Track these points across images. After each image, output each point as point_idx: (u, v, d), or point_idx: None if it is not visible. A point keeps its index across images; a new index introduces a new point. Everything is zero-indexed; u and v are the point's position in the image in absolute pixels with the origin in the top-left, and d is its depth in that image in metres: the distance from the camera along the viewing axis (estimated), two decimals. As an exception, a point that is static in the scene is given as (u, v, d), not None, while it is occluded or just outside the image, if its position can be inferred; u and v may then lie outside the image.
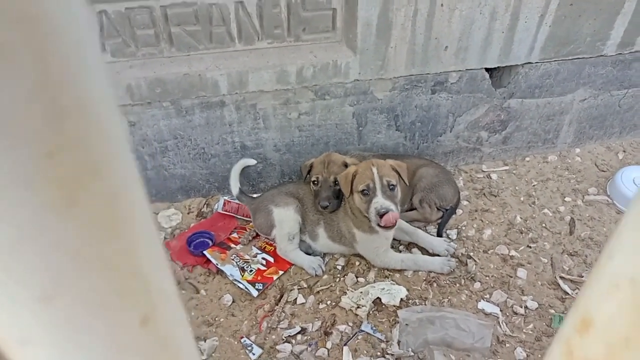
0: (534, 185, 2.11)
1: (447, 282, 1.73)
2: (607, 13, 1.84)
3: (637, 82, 2.06)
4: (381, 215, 1.54)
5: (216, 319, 1.55)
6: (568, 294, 1.70)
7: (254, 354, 1.44)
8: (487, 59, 1.88)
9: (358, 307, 1.59)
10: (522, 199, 2.05)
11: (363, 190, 1.60)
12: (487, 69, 1.93)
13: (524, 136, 2.16)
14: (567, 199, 2.05)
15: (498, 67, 1.93)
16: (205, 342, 1.47)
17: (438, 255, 1.78)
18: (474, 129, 2.08)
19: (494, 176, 2.15)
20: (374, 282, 1.71)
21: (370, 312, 1.61)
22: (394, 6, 1.67)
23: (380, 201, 1.57)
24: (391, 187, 1.61)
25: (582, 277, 1.74)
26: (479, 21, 1.77)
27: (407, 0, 1.67)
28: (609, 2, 1.81)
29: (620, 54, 1.96)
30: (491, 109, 2.03)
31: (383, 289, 1.65)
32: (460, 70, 1.89)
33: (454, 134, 2.08)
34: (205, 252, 1.69)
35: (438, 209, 1.94)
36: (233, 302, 1.61)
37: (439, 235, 1.88)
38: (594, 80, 2.03)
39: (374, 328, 1.56)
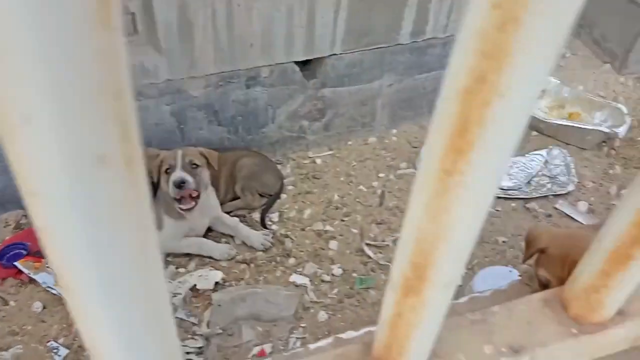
0: (353, 166, 2.32)
1: (264, 261, 1.89)
2: (396, 6, 2.07)
3: (434, 66, 2.33)
4: (178, 187, 1.66)
5: (23, 327, 1.59)
6: (371, 257, 1.92)
7: (59, 356, 1.50)
8: (294, 53, 2.03)
9: (174, 296, 1.70)
10: (342, 179, 2.26)
11: (167, 169, 1.71)
12: (297, 62, 2.09)
13: (343, 122, 2.36)
14: (380, 174, 2.29)
15: (308, 59, 2.10)
16: (7, 351, 1.51)
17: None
18: (295, 119, 2.25)
19: (318, 161, 2.34)
20: (195, 271, 1.82)
21: (187, 299, 1.72)
22: (192, 8, 1.77)
23: (178, 173, 1.68)
24: (193, 166, 1.73)
25: (385, 241, 1.98)
26: (278, 19, 1.91)
27: (204, 2, 1.77)
28: (394, -3, 2.03)
29: (415, 41, 2.21)
30: (307, 99, 2.20)
31: (200, 275, 1.77)
32: (270, 65, 2.03)
33: (277, 125, 2.23)
34: (16, 263, 1.70)
35: (261, 195, 2.09)
36: (44, 308, 1.64)
37: (262, 219, 2.04)
38: (395, 67, 2.27)
39: (189, 313, 1.68)
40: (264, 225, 2.03)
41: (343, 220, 2.07)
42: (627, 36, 2.77)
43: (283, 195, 2.16)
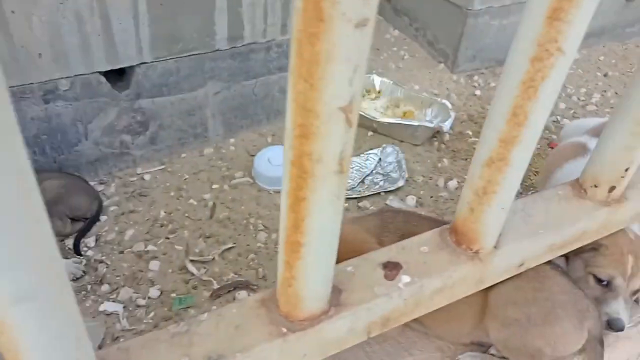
0: (185, 179, 2.20)
1: (74, 290, 1.69)
2: (203, 10, 2.00)
3: (261, 72, 2.29)
4: None
5: None
6: (194, 274, 1.80)
7: None
8: (94, 62, 1.88)
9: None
10: (172, 194, 2.13)
11: None
12: (104, 73, 1.94)
13: (171, 134, 2.24)
14: (214, 186, 2.19)
15: (116, 69, 1.96)
16: None
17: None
18: (113, 134, 2.08)
19: (147, 177, 2.19)
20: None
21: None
22: (-45, 15, 1.56)
23: None
24: None
25: (210, 255, 1.87)
26: (66, 26, 1.75)
27: (-30, 8, 1.58)
28: (200, 0, 1.96)
29: (234, 47, 2.16)
30: (123, 111, 2.05)
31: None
32: (69, 77, 1.86)
33: (92, 142, 2.05)
34: None
35: (75, 219, 1.90)
36: None
37: (76, 245, 1.84)
38: (218, 74, 2.19)
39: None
40: (77, 252, 1.83)
41: (168, 238, 1.93)
42: (454, 37, 2.94)
43: (103, 217, 1.98)
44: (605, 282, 1.23)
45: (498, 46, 3.02)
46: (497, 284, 1.10)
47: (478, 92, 2.92)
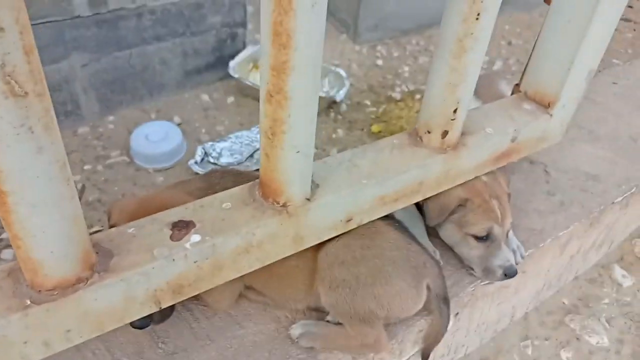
0: (52, 160, 2.01)
1: None
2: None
3: (134, 42, 2.12)
4: None
5: None
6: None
7: None
8: None
9: None
10: (35, 176, 1.93)
11: None
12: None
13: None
14: (86, 167, 2.01)
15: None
16: None
17: None
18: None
19: (7, 159, 1.98)
20: None
21: None
22: None
23: None
24: None
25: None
26: None
27: None
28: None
29: (98, 13, 1.97)
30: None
31: None
32: None
33: None
34: None
35: None
36: None
37: None
38: (84, 44, 2.00)
39: None
40: None
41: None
42: (353, 4, 2.86)
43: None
44: (484, 237, 1.18)
45: (400, 15, 2.97)
46: (326, 243, 1.02)
47: (380, 62, 2.86)
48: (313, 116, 0.79)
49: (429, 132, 1.06)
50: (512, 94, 1.34)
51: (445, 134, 1.04)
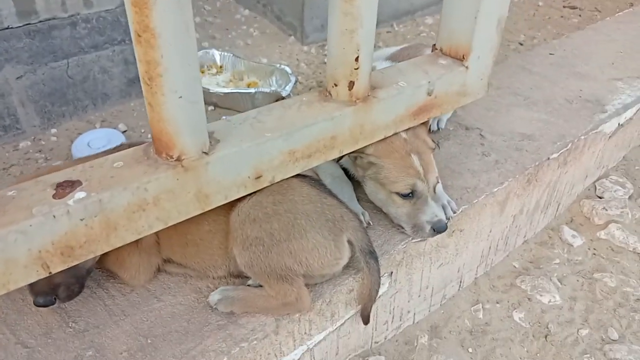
0: (-9, 176, 1.96)
1: None
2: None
3: (70, 51, 2.10)
4: None
5: None
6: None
7: None
8: None
9: None
10: (-27, 192, 1.88)
11: None
12: None
13: (-30, 127, 1.99)
14: (26, 179, 1.97)
15: None
16: None
17: None
18: None
19: (-56, 177, 1.93)
20: None
21: None
22: None
23: None
24: None
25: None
26: None
27: None
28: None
29: (29, 24, 1.95)
30: None
31: None
32: None
33: None
34: None
35: None
36: None
37: None
38: (17, 55, 1.98)
39: None
40: None
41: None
42: (297, 8, 2.89)
43: None
44: (409, 194, 1.16)
45: (344, 13, 3.00)
46: (238, 203, 1.00)
47: (329, 60, 2.88)
48: (191, 57, 0.78)
49: (335, 85, 1.05)
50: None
51: (351, 84, 1.04)
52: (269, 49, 2.93)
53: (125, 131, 2.23)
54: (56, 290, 0.90)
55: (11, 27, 1.92)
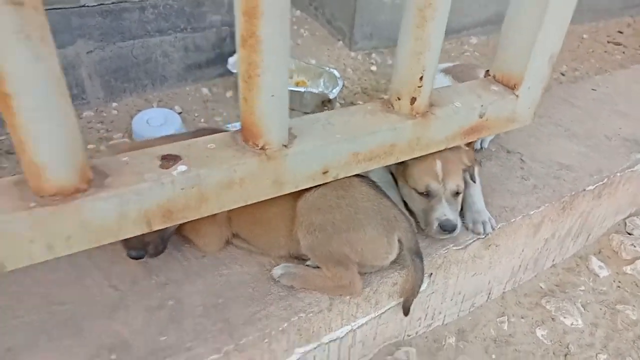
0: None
1: None
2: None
3: (137, 33, 2.23)
4: None
5: None
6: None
7: None
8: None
9: None
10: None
11: None
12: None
13: (40, 93, 2.13)
14: (90, 146, 2.10)
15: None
16: None
17: None
18: None
19: (11, 137, 2.07)
20: None
21: None
22: None
23: None
24: None
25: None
26: None
27: None
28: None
29: (102, 4, 2.09)
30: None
31: None
32: None
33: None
34: None
35: None
36: None
37: None
38: (89, 32, 2.11)
39: None
40: None
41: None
42: (349, 13, 2.99)
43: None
44: (425, 192, 1.27)
45: (395, 25, 3.10)
46: (305, 193, 1.10)
47: (374, 68, 2.98)
48: (285, 62, 0.88)
49: (399, 99, 1.15)
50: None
51: (414, 100, 1.13)
52: (317, 51, 3.04)
53: (180, 112, 2.35)
54: (146, 247, 1.02)
55: (87, 6, 2.06)
